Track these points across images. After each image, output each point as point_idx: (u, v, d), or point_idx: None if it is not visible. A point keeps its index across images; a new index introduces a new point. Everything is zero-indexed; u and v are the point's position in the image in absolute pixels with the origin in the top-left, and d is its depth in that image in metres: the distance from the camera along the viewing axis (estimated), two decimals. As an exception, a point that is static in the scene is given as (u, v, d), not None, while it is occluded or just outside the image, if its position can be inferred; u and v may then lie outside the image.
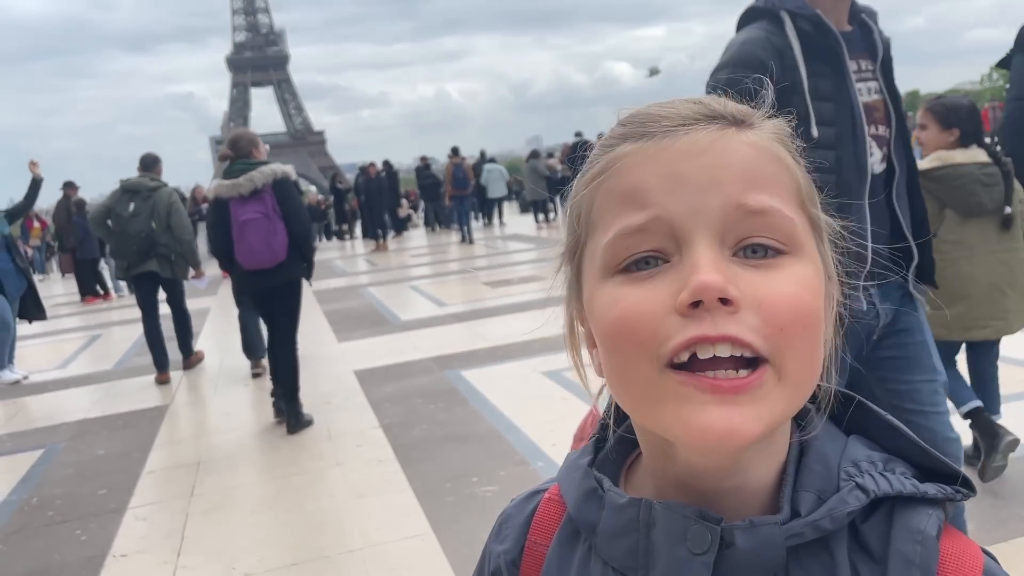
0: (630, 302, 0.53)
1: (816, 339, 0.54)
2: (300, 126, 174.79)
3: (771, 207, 0.54)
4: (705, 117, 0.56)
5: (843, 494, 0.56)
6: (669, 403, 0.52)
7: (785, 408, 0.53)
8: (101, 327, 11.52)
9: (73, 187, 15.33)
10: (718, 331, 0.50)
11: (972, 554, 0.57)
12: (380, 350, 7.30)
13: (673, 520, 0.56)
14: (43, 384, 7.71)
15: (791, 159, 0.58)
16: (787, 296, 0.52)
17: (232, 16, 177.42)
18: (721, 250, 0.53)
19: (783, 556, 0.55)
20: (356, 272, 14.86)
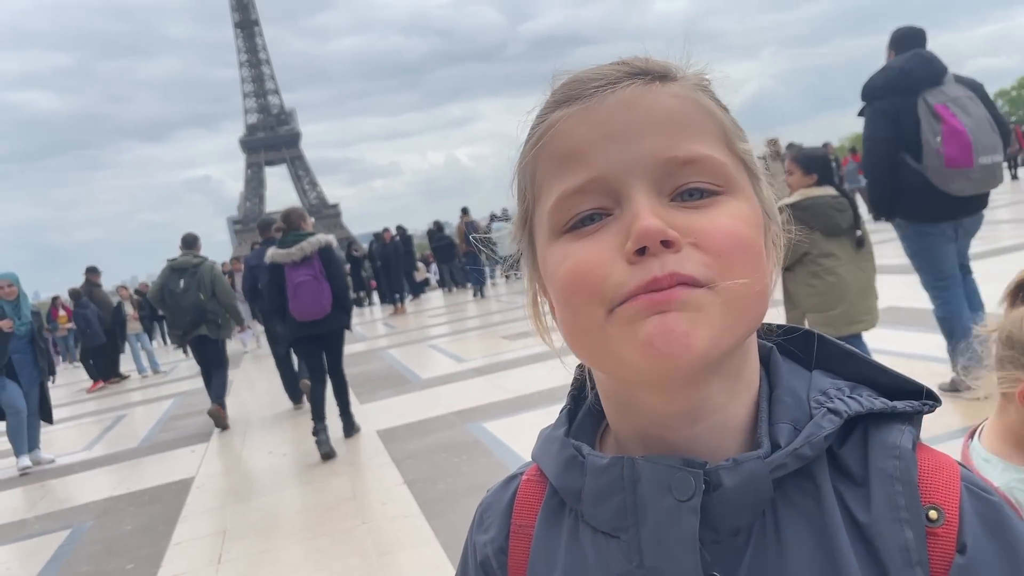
0: (579, 256, 0.55)
1: (756, 266, 0.56)
2: (315, 200, 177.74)
3: (700, 154, 0.56)
4: (629, 75, 0.58)
5: (817, 420, 0.57)
6: (618, 333, 0.54)
7: (725, 327, 0.54)
8: (126, 407, 11.59)
9: (96, 272, 15.40)
10: (665, 270, 0.52)
11: (948, 464, 0.58)
12: (402, 408, 7.28)
13: (657, 471, 0.56)
14: (70, 466, 7.74)
15: (715, 105, 0.60)
16: (723, 227, 0.54)
17: (244, 99, 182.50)
18: (659, 198, 0.55)
19: (770, 489, 0.56)
20: (375, 336, 14.91)
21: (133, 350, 15.56)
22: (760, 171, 0.62)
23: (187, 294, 7.83)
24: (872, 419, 0.59)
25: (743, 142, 0.61)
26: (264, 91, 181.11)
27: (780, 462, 0.56)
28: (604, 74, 0.58)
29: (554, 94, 0.61)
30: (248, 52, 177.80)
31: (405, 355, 10.96)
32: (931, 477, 0.57)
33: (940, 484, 0.57)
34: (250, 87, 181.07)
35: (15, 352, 7.54)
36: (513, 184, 0.64)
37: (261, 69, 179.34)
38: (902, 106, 4.09)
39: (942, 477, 0.57)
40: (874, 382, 0.62)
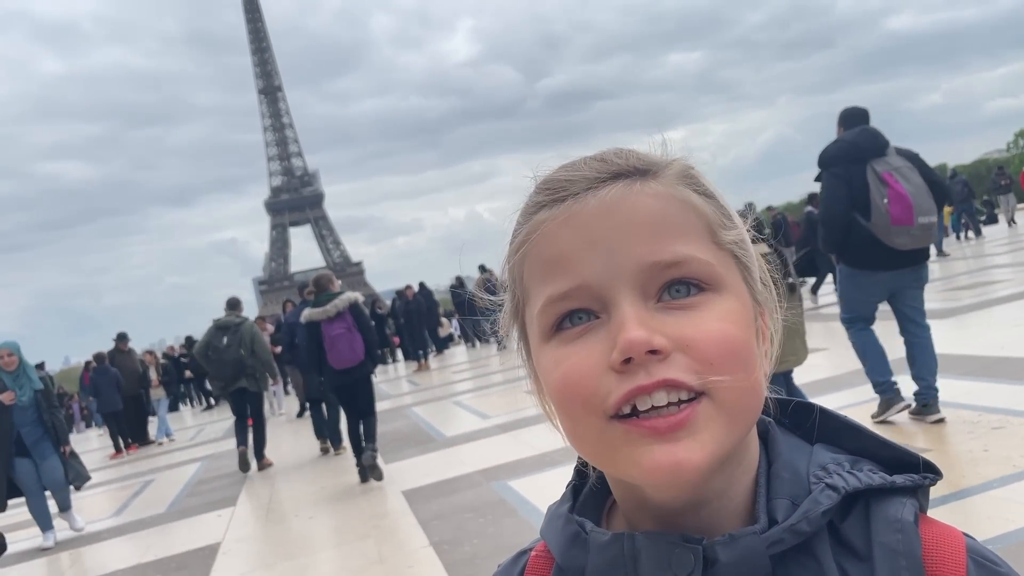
0: (568, 364, 0.56)
1: (748, 367, 0.56)
2: (339, 259, 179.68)
3: (684, 256, 0.56)
4: (610, 175, 0.59)
5: (815, 495, 0.58)
6: (620, 450, 0.55)
7: (727, 434, 0.55)
8: (153, 472, 11.62)
9: (124, 339, 15.41)
10: (652, 379, 0.53)
11: (953, 536, 0.58)
12: (426, 468, 7.24)
13: (656, 547, 0.57)
14: (98, 533, 7.76)
15: (697, 198, 0.60)
16: (712, 333, 0.55)
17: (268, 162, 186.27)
18: (645, 302, 0.56)
19: (767, 565, 0.56)
20: (399, 394, 14.91)
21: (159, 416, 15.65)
22: (750, 258, 0.62)
23: (229, 350, 8.81)
24: (873, 493, 0.59)
25: (729, 230, 0.60)
26: (288, 154, 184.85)
27: (777, 537, 0.56)
28: (584, 175, 0.59)
29: (538, 192, 0.61)
30: (272, 117, 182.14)
31: (429, 412, 10.93)
32: (936, 551, 0.57)
33: (946, 557, 0.56)
34: (274, 150, 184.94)
35: (23, 425, 7.16)
36: (504, 273, 0.65)
37: (285, 133, 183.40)
38: (853, 172, 4.73)
39: (947, 550, 0.57)
40: (875, 455, 0.62)
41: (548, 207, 0.59)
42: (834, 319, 11.53)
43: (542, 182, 0.62)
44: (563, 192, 0.59)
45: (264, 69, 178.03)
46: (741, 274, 0.60)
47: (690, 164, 0.62)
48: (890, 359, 5.37)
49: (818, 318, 12.04)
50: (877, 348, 5.29)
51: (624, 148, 0.62)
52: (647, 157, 0.61)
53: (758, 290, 0.62)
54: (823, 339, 9.90)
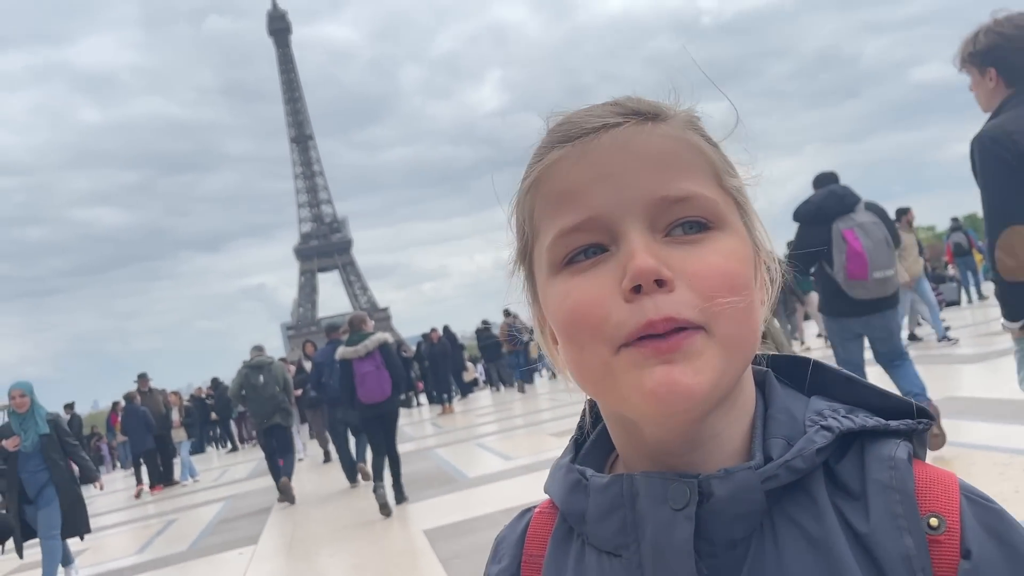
0: (579, 293, 0.58)
1: (745, 301, 0.58)
2: (366, 305, 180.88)
3: (691, 192, 0.58)
4: (621, 115, 0.61)
5: (810, 435, 0.59)
6: (624, 375, 0.56)
7: (723, 364, 0.56)
8: (177, 511, 11.63)
9: (144, 379, 15.43)
10: (660, 314, 0.55)
11: (946, 475, 0.59)
12: (448, 507, 7.18)
13: (653, 484, 0.59)
14: (120, 571, 7.76)
15: (704, 143, 0.62)
16: (715, 266, 0.57)
17: (298, 209, 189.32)
18: (653, 235, 0.57)
19: (762, 500, 0.57)
20: (423, 436, 14.86)
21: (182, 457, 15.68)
22: (750, 205, 0.64)
23: (267, 387, 9.55)
24: (868, 436, 0.60)
25: (733, 177, 0.63)
26: (318, 201, 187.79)
27: (771, 473, 0.57)
28: (596, 115, 0.61)
29: (550, 134, 0.63)
30: (303, 164, 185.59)
31: (452, 454, 10.88)
32: (928, 487, 0.58)
33: (939, 494, 0.57)
34: (304, 197, 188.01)
35: (25, 471, 6.76)
36: (511, 220, 0.67)
37: (315, 180, 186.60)
38: (818, 231, 5.26)
39: (940, 487, 0.58)
40: (872, 405, 0.63)
41: (561, 145, 0.61)
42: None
43: (556, 123, 0.63)
44: (575, 131, 0.61)
45: (296, 119, 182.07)
46: (742, 218, 0.62)
47: (696, 114, 0.64)
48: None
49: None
50: None
51: (634, 95, 0.63)
52: (657, 103, 0.63)
53: (756, 232, 0.64)
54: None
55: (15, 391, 6.88)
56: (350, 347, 7.65)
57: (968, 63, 2.85)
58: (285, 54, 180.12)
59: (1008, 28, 2.73)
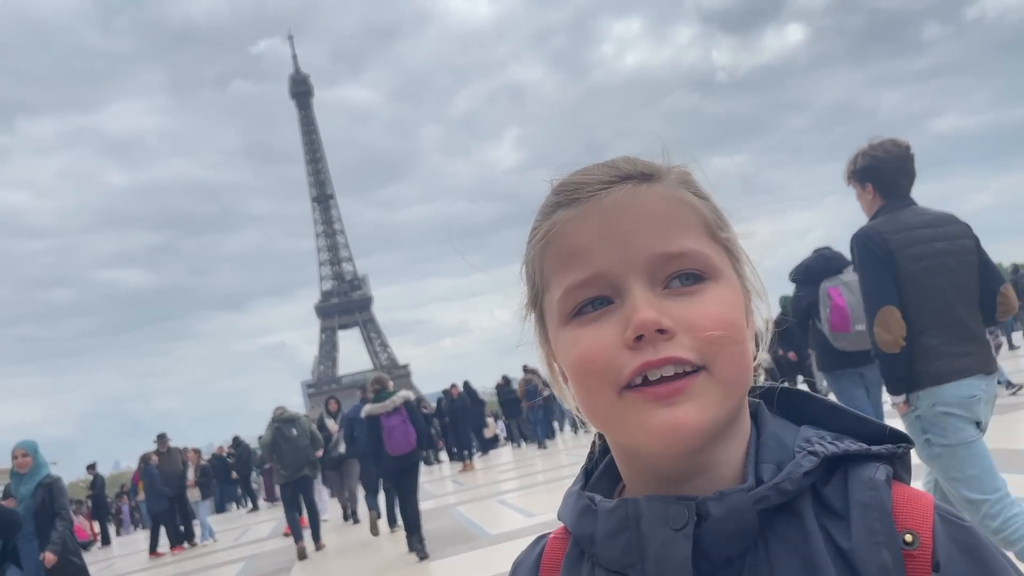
0: (586, 342, 0.64)
1: (739, 344, 0.64)
2: (386, 361, 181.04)
3: (687, 248, 0.65)
4: (619, 177, 0.67)
5: (798, 459, 0.65)
6: (630, 416, 0.63)
7: (721, 402, 0.63)
8: (198, 572, 11.56)
9: (164, 440, 15.13)
10: (659, 355, 0.62)
11: (921, 496, 0.65)
12: (470, 565, 7.13)
13: (655, 507, 0.64)
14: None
15: (696, 199, 0.69)
16: (710, 315, 0.63)
17: (319, 267, 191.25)
18: (653, 288, 0.64)
19: (754, 519, 0.62)
20: (444, 493, 14.74)
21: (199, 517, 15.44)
22: (741, 253, 0.71)
23: (299, 439, 10.08)
24: (852, 460, 0.65)
25: (724, 230, 0.69)
26: (339, 259, 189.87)
27: (762, 495, 0.63)
28: (597, 179, 0.67)
29: (555, 194, 0.70)
30: (324, 223, 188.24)
31: (474, 511, 10.78)
32: (905, 506, 0.63)
33: (914, 512, 0.63)
34: (325, 256, 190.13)
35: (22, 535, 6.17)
36: (522, 270, 0.74)
37: (336, 239, 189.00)
38: (808, 290, 5.76)
39: (916, 506, 0.63)
40: (856, 431, 0.68)
41: (566, 206, 0.68)
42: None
43: (559, 184, 0.70)
44: (578, 193, 0.67)
45: (318, 178, 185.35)
46: (733, 265, 0.69)
47: (688, 171, 0.71)
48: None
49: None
50: None
51: (630, 156, 0.70)
52: (651, 164, 0.69)
53: (747, 279, 0.71)
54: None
55: (17, 450, 6.52)
56: (377, 403, 8.18)
57: (852, 179, 3.55)
58: (307, 116, 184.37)
59: (880, 152, 3.42)
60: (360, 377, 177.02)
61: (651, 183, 0.67)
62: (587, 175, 0.69)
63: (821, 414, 0.71)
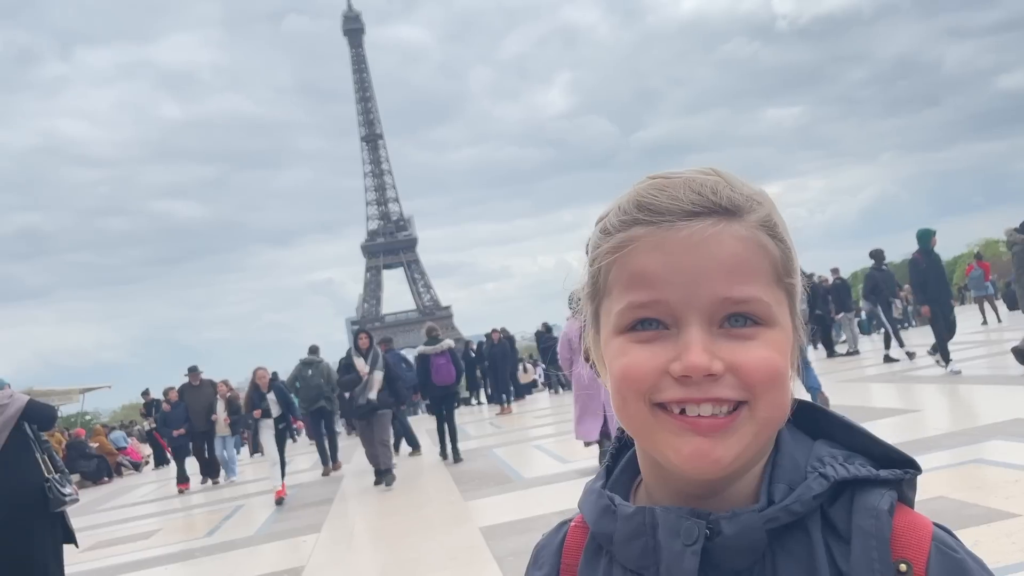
0: (633, 359, 0.67)
1: (783, 389, 0.68)
2: (429, 303, 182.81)
3: (751, 297, 0.66)
4: (704, 209, 0.67)
5: (809, 482, 0.68)
6: (664, 435, 0.67)
7: (754, 439, 0.67)
8: (245, 498, 12.09)
9: (196, 372, 14.73)
10: (703, 395, 0.65)
11: (921, 524, 0.68)
12: (505, 507, 7.35)
13: (670, 519, 0.68)
14: (191, 551, 8.15)
15: (773, 243, 0.69)
16: (759, 361, 0.66)
17: (366, 207, 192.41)
18: (710, 327, 0.66)
19: (764, 539, 0.67)
20: (482, 435, 15.07)
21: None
22: (799, 294, 0.72)
23: (313, 378, 12.95)
24: (859, 484, 0.68)
25: (791, 277, 0.70)
26: (385, 199, 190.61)
27: (772, 515, 0.66)
28: (680, 206, 0.67)
29: (639, 208, 0.69)
30: (372, 163, 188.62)
31: (510, 454, 11.05)
32: (904, 536, 0.66)
33: (912, 542, 0.66)
34: (372, 195, 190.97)
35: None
36: (586, 254, 0.75)
37: (383, 179, 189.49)
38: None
39: (914, 536, 0.66)
40: (867, 451, 0.71)
41: (644, 224, 0.68)
42: (915, 380, 11.13)
43: (642, 199, 0.70)
44: (659, 216, 0.68)
45: (367, 118, 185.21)
46: (790, 307, 0.71)
47: (770, 211, 0.71)
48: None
49: (901, 379, 11.62)
50: None
51: (720, 179, 0.70)
52: (737, 200, 0.69)
53: (797, 313, 0.72)
54: (897, 399, 9.58)
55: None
56: (429, 346, 11.37)
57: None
58: (358, 54, 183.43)
59: None
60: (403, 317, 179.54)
61: (732, 221, 0.68)
62: (671, 198, 0.68)
63: (835, 430, 0.73)
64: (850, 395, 10.62)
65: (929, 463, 5.93)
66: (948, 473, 5.60)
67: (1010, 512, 4.47)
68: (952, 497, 4.88)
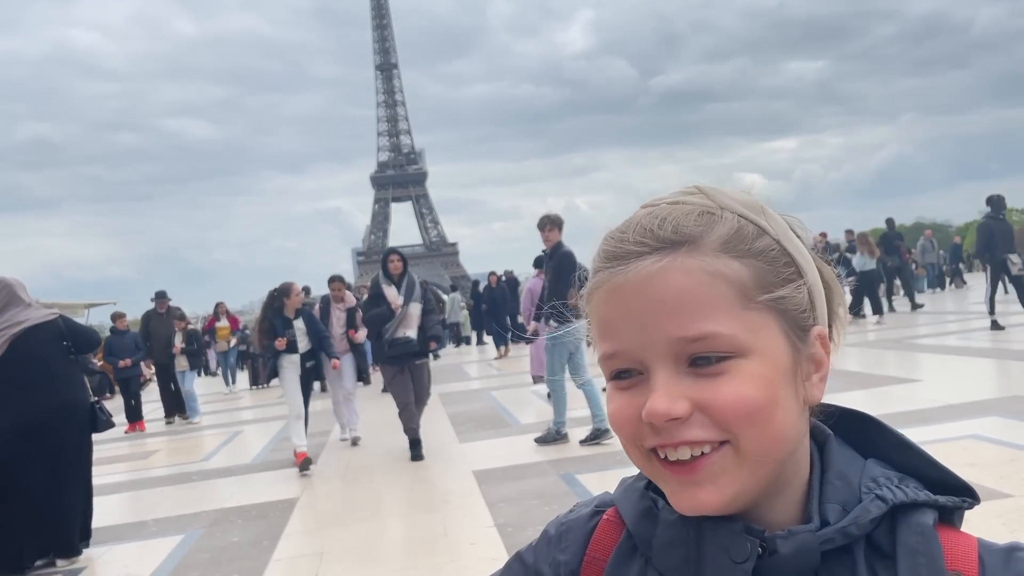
0: (615, 407, 0.66)
1: (765, 422, 0.63)
2: (436, 238, 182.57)
3: (705, 334, 0.62)
4: (648, 247, 0.64)
5: (866, 503, 0.65)
6: (660, 480, 0.67)
7: (748, 478, 0.63)
8: (243, 424, 12.24)
9: (163, 299, 13.43)
10: (672, 440, 0.63)
11: (966, 540, 0.66)
12: (499, 451, 7.41)
13: (718, 535, 0.66)
14: (188, 474, 8.27)
15: (737, 264, 0.64)
16: (728, 399, 0.62)
17: (377, 138, 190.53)
18: (676, 367, 0.63)
19: (818, 559, 0.64)
20: (481, 376, 15.17)
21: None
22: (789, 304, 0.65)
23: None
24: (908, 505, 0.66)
25: (770, 291, 0.64)
26: (397, 131, 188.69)
27: (829, 536, 0.64)
28: (628, 248, 0.65)
29: (603, 254, 0.68)
30: (386, 93, 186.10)
31: (507, 398, 11.12)
32: (951, 550, 0.64)
33: (959, 554, 0.64)
34: (384, 126, 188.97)
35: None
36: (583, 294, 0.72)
37: (396, 110, 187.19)
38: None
39: (960, 550, 0.64)
40: (923, 474, 0.68)
41: (603, 270, 0.67)
42: (919, 349, 11.11)
43: (605, 243, 0.68)
44: (613, 260, 0.66)
45: (383, 46, 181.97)
46: (780, 326, 0.65)
47: (737, 228, 0.65)
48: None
49: (905, 346, 11.59)
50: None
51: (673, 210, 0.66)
52: (685, 227, 0.65)
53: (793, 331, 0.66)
54: (910, 369, 9.56)
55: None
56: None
57: None
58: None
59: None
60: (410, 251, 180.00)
61: (679, 253, 0.64)
62: (621, 240, 0.67)
63: (890, 449, 0.70)
64: (850, 361, 10.60)
65: (925, 436, 5.95)
66: (943, 447, 5.59)
67: (1003, 492, 4.47)
68: (946, 473, 4.88)
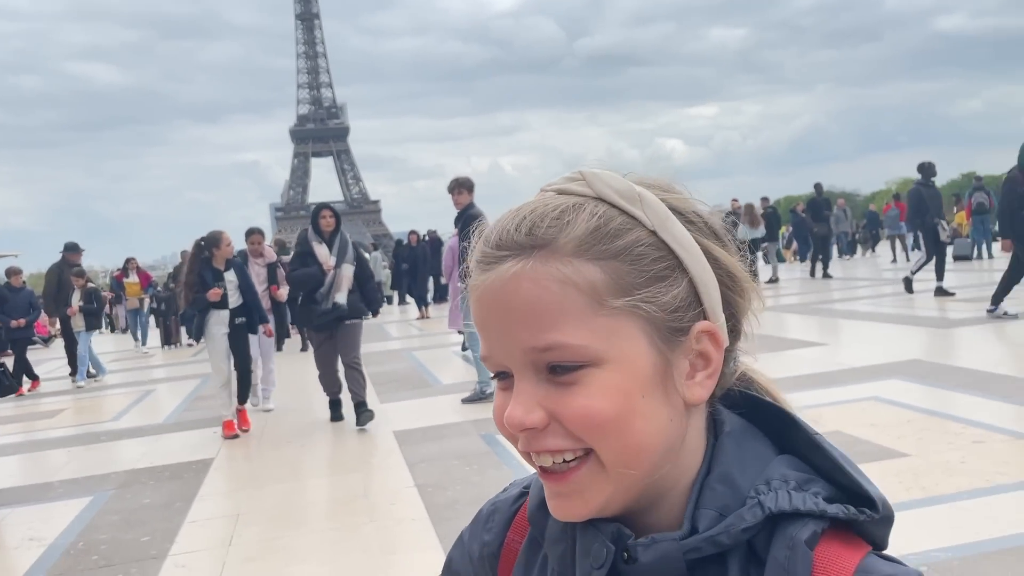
0: (495, 405, 0.65)
1: (619, 433, 0.60)
2: (357, 195, 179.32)
3: (555, 343, 0.59)
4: (505, 251, 0.62)
5: (743, 511, 0.61)
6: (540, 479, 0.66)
7: (613, 488, 0.62)
8: (155, 383, 11.88)
9: (76, 251, 12.78)
10: (533, 447, 0.62)
11: (847, 559, 0.60)
12: (419, 412, 7.41)
13: (586, 537, 0.65)
14: (96, 435, 7.99)
15: (590, 267, 0.60)
16: (575, 411, 0.60)
17: (297, 90, 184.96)
18: (536, 376, 0.61)
19: (683, 568, 0.61)
20: (402, 336, 15.09)
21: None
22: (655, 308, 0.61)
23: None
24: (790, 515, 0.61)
25: (629, 294, 0.60)
26: (318, 83, 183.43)
27: (694, 545, 0.61)
28: (488, 251, 0.63)
29: (480, 239, 0.66)
30: (306, 44, 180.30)
31: (428, 358, 11.11)
32: (822, 569, 0.59)
33: (830, 574, 0.59)
34: (305, 78, 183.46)
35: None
36: None
37: (317, 62, 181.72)
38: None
39: (833, 568, 0.59)
40: (833, 479, 0.63)
41: (476, 270, 0.65)
42: (829, 314, 11.60)
43: (479, 241, 0.66)
44: (481, 262, 0.64)
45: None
46: (642, 330, 0.61)
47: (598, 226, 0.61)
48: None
49: (816, 311, 12.08)
50: None
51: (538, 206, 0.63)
52: (539, 232, 0.61)
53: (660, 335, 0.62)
54: (819, 334, 9.98)
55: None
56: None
57: None
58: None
59: None
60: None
61: (533, 259, 0.60)
62: (488, 241, 0.64)
63: (802, 447, 0.65)
64: (763, 324, 10.96)
65: (829, 397, 6.23)
66: (845, 409, 5.87)
67: (900, 451, 4.72)
68: (847, 433, 5.12)
